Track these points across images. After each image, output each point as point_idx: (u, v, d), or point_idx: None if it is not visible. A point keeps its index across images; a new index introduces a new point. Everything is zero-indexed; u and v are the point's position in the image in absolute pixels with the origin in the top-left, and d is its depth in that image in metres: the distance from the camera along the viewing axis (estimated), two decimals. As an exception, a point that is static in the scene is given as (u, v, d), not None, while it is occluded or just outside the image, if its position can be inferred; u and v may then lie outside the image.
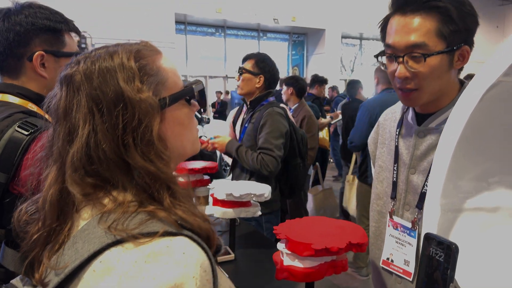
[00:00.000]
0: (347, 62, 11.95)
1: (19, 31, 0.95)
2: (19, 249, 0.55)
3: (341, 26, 10.39)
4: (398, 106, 1.06)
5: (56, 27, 1.00)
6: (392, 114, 1.07)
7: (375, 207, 1.07)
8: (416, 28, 0.84)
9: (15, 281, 0.56)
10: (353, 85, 4.10)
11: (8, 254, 0.56)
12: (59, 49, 1.01)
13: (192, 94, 0.62)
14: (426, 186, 0.89)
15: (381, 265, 1.01)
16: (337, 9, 10.04)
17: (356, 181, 3.18)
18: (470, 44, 0.88)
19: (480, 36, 0.92)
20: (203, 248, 0.50)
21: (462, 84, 0.94)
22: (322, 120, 4.22)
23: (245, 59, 2.03)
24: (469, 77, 2.40)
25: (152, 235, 0.48)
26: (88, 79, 0.53)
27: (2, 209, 0.86)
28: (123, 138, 0.52)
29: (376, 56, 0.95)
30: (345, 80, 10.78)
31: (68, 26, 1.03)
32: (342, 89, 8.98)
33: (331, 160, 6.59)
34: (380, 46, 0.98)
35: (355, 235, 0.92)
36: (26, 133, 0.87)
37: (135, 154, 0.52)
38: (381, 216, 1.04)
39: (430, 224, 0.68)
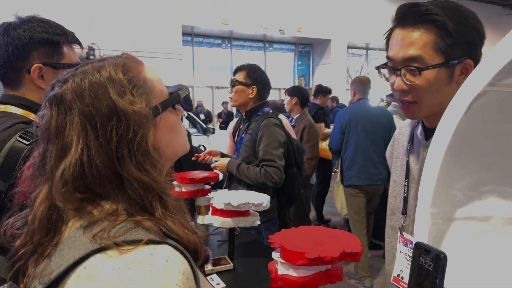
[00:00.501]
0: (353, 72, 11.98)
1: (18, 44, 0.99)
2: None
3: (347, 36, 10.43)
4: (410, 121, 1.04)
5: (54, 39, 1.03)
6: (405, 128, 1.06)
7: (389, 222, 1.06)
8: (413, 41, 0.84)
9: (5, 287, 0.57)
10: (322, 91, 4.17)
11: None
12: (58, 61, 1.04)
13: (179, 101, 0.65)
14: None
15: (392, 281, 0.99)
16: (343, 19, 10.10)
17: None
18: (476, 57, 0.86)
19: (487, 46, 0.91)
20: (185, 257, 0.51)
21: None
22: (326, 130, 4.22)
23: (236, 71, 2.06)
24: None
25: (136, 243, 0.49)
26: (80, 96, 0.54)
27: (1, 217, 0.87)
28: (117, 151, 0.53)
29: (377, 68, 0.96)
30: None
31: (67, 38, 1.06)
32: (347, 99, 8.98)
33: (336, 170, 6.54)
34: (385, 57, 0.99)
35: (349, 244, 0.91)
36: (27, 142, 0.89)
37: (130, 165, 0.53)
38: (394, 231, 1.03)
39: (421, 233, 0.67)
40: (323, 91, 4.41)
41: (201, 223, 1.97)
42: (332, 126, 4.62)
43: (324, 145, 3.89)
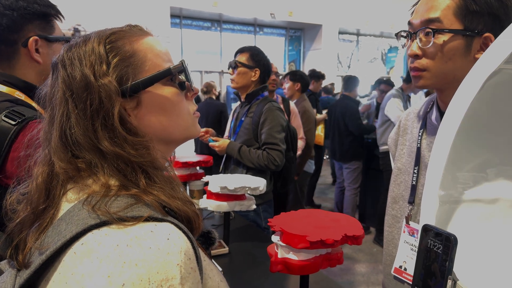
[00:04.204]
0: (344, 58, 11.93)
1: (13, 16, 0.93)
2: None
3: (338, 22, 10.35)
4: (422, 106, 1.00)
5: (46, 11, 0.99)
6: (414, 114, 1.01)
7: (390, 211, 1.01)
8: (436, 4, 0.81)
9: (3, 263, 0.55)
10: (349, 81, 4.08)
11: None
12: (50, 34, 1.00)
13: (170, 74, 0.59)
14: None
15: (392, 273, 0.95)
16: (334, 4, 9.99)
17: None
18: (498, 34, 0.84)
19: None
20: (188, 237, 0.48)
21: None
22: (318, 116, 4.21)
23: (238, 53, 2.01)
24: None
25: (136, 219, 0.46)
26: (64, 65, 0.55)
27: None
28: (93, 122, 0.52)
29: (397, 34, 0.90)
30: (342, 76, 10.77)
31: (55, 10, 1.02)
32: (338, 85, 8.96)
33: (327, 156, 6.58)
34: (377, 43, 0.93)
35: (351, 227, 0.90)
36: (13, 122, 0.84)
37: (104, 139, 0.52)
38: (395, 221, 0.98)
39: (428, 216, 0.66)
40: (316, 76, 4.37)
41: (195, 208, 1.94)
42: (324, 112, 4.62)
43: (316, 131, 3.89)
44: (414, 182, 0.93)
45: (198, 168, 1.90)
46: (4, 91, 0.94)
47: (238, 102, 2.20)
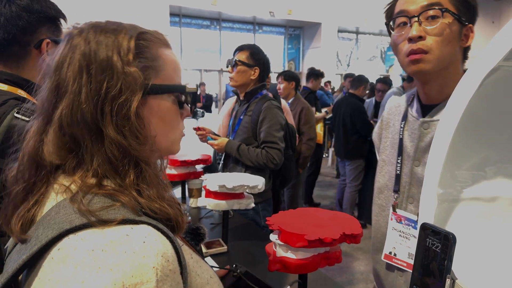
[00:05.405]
0: (343, 56, 11.91)
1: (29, 18, 0.95)
2: None
3: (337, 20, 10.34)
4: (402, 100, 1.05)
5: (57, 16, 1.02)
6: (396, 108, 1.06)
7: (377, 200, 1.06)
8: None
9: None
10: (357, 80, 4.08)
11: None
12: (58, 37, 1.02)
13: (182, 92, 0.62)
14: None
15: (383, 259, 0.99)
16: (334, 2, 9.98)
17: None
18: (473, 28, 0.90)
19: (476, 31, 0.92)
20: (168, 237, 0.48)
21: None
22: (317, 114, 4.21)
23: (237, 51, 2.00)
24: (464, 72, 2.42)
25: (112, 222, 0.46)
26: (87, 41, 0.54)
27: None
28: (103, 104, 0.51)
29: (387, 23, 0.94)
30: (341, 75, 10.75)
31: (62, 15, 1.05)
32: (337, 83, 8.95)
33: (326, 155, 6.57)
34: (376, 42, 0.97)
35: (349, 226, 0.90)
36: (27, 119, 0.85)
37: (110, 124, 0.51)
38: (382, 209, 1.03)
39: (427, 214, 0.66)
40: (315, 74, 4.37)
41: (194, 206, 1.94)
42: (323, 110, 4.61)
43: (317, 129, 3.89)
44: (398, 172, 0.98)
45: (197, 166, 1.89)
46: (6, 89, 0.94)
47: (233, 98, 2.19)
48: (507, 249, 0.64)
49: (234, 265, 0.86)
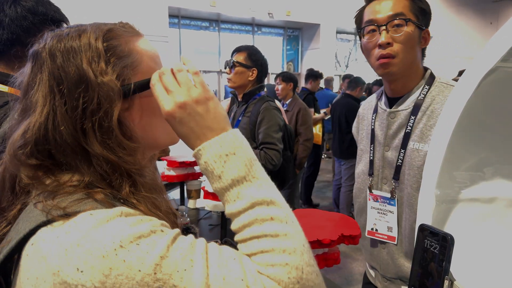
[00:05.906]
0: (342, 57, 11.92)
1: (33, 20, 0.95)
2: None
3: (336, 21, 10.35)
4: (373, 96, 1.21)
5: (60, 19, 1.02)
6: (369, 103, 1.22)
7: (356, 185, 1.19)
8: (394, 4, 0.99)
9: None
10: (354, 81, 4.11)
11: None
12: None
13: None
14: (399, 160, 1.02)
15: (366, 235, 1.10)
16: (332, 4, 9.99)
17: None
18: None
19: (474, 33, 0.96)
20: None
21: (426, 70, 1.07)
22: (315, 115, 4.21)
23: (235, 52, 2.00)
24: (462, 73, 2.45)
25: (79, 213, 0.45)
26: (52, 56, 0.50)
27: None
28: (82, 122, 0.49)
29: (359, 30, 1.07)
30: (340, 76, 10.76)
31: (65, 18, 1.05)
32: (336, 84, 8.96)
33: (325, 156, 6.57)
34: None
35: (348, 227, 0.90)
36: None
37: (94, 141, 0.49)
38: (360, 192, 1.16)
39: (425, 215, 0.66)
40: (313, 75, 4.37)
41: (192, 207, 1.94)
42: (322, 111, 4.62)
43: (314, 130, 3.90)
44: (371, 158, 1.11)
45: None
46: (6, 90, 0.94)
47: (228, 100, 2.18)
48: (505, 250, 0.64)
49: None
